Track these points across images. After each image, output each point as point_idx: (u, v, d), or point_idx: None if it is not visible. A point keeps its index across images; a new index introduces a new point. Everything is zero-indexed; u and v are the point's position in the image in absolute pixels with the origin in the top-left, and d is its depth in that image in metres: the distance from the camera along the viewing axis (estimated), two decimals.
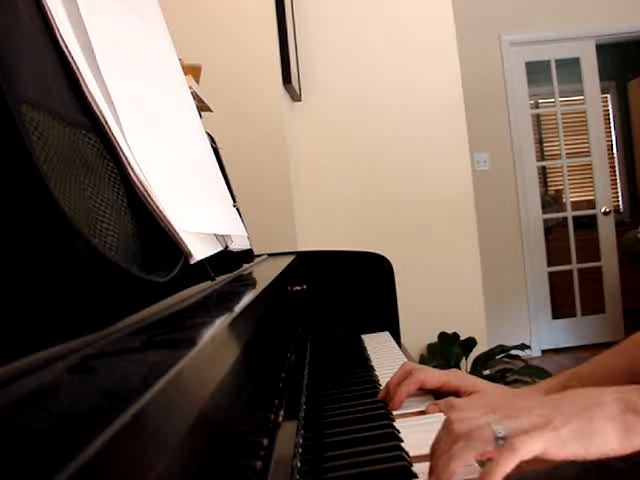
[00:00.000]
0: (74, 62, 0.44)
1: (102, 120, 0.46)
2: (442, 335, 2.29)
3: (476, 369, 2.21)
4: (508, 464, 0.46)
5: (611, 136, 5.12)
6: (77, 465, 0.14)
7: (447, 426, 0.53)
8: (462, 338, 2.28)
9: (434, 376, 0.76)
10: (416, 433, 0.65)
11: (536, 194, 3.78)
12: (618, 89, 5.21)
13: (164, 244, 0.49)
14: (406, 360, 1.02)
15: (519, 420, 0.50)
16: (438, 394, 0.77)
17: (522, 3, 3.70)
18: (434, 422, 0.64)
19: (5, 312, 0.28)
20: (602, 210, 3.88)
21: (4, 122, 0.30)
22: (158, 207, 0.48)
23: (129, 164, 0.47)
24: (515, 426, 0.49)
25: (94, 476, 0.15)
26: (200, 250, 0.55)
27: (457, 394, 0.75)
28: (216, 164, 0.88)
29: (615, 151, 5.18)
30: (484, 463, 0.58)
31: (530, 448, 0.47)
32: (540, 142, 4.87)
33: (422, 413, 0.72)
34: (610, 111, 5.24)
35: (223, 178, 0.90)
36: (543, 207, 3.87)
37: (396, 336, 1.28)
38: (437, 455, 0.51)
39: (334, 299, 1.34)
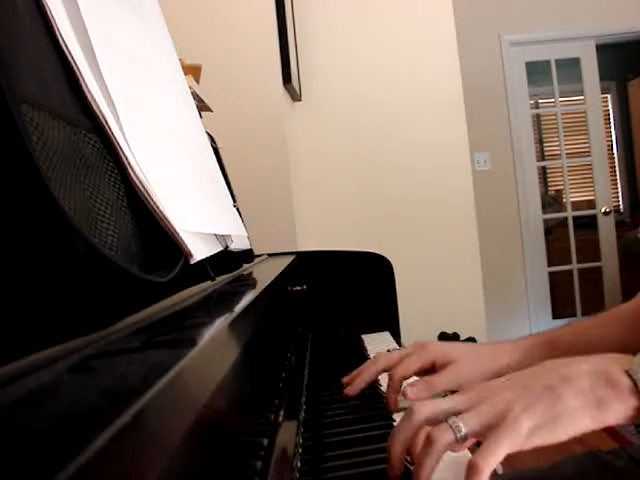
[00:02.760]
0: (74, 62, 0.44)
1: (102, 120, 0.46)
2: (442, 335, 2.29)
3: None
4: None
5: (611, 136, 5.12)
6: (77, 465, 0.14)
7: (407, 413, 0.52)
8: (462, 338, 2.28)
9: (410, 365, 0.74)
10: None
11: (536, 194, 3.79)
12: (618, 89, 5.21)
13: (164, 244, 0.49)
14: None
15: (480, 412, 0.49)
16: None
17: (522, 3, 3.70)
18: None
19: (5, 312, 0.28)
20: (602, 210, 3.89)
21: (4, 122, 0.30)
22: (158, 207, 0.48)
23: (129, 164, 0.47)
24: (475, 421, 0.48)
25: (94, 476, 0.15)
26: (200, 250, 0.55)
27: (433, 366, 0.74)
28: (216, 164, 0.88)
29: (615, 151, 5.18)
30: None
31: (493, 461, 0.45)
32: (540, 142, 4.87)
33: None
34: (610, 111, 5.24)
35: (223, 178, 0.90)
36: (543, 207, 3.87)
37: (396, 336, 1.28)
38: (394, 443, 0.51)
39: (334, 299, 1.34)
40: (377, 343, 1.19)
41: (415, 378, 0.76)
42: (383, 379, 0.87)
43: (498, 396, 0.50)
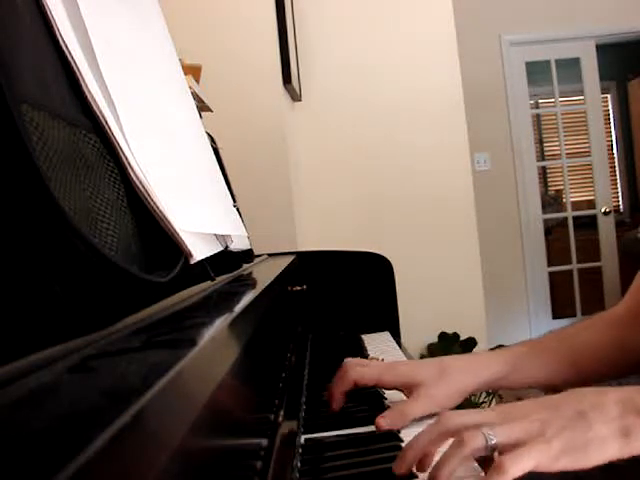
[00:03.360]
0: (74, 62, 0.44)
1: (102, 120, 0.46)
2: (442, 335, 2.29)
3: None
4: None
5: (611, 136, 5.12)
6: (77, 465, 0.14)
7: (438, 419, 0.52)
8: (462, 338, 2.28)
9: (366, 375, 0.72)
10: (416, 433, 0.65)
11: (536, 194, 3.79)
12: (618, 89, 5.21)
13: (164, 244, 0.49)
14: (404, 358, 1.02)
15: (513, 427, 0.49)
16: None
17: (522, 3, 3.70)
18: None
19: (5, 312, 0.28)
20: (602, 210, 3.89)
21: (4, 122, 0.30)
22: (158, 207, 0.48)
23: (129, 164, 0.47)
24: (508, 434, 0.48)
25: (94, 476, 0.15)
26: (200, 250, 0.55)
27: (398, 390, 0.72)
28: (216, 164, 0.88)
29: (615, 151, 5.18)
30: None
31: (520, 467, 0.45)
32: (540, 142, 4.87)
33: None
34: (610, 111, 5.24)
35: (223, 178, 0.90)
36: (543, 207, 3.88)
37: (396, 336, 1.28)
38: (418, 443, 0.50)
39: (334, 299, 1.34)
40: (377, 343, 1.19)
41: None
42: None
43: (530, 417, 0.50)
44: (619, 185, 5.26)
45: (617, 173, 5.22)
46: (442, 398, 0.69)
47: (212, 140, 1.03)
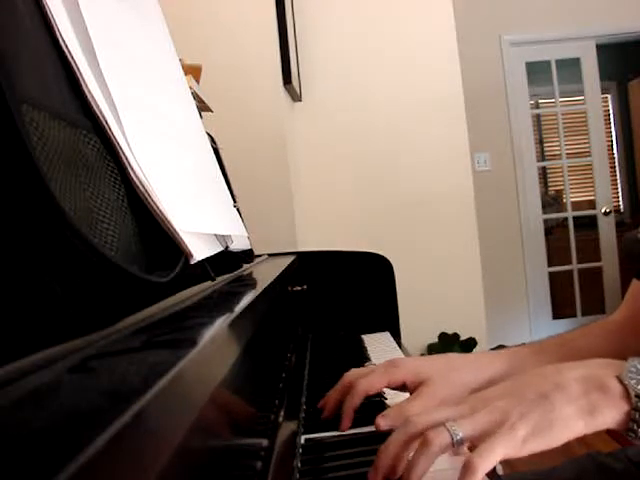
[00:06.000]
0: (74, 62, 0.44)
1: (102, 120, 0.46)
2: (442, 335, 2.29)
3: None
4: None
5: (611, 136, 5.12)
6: (77, 465, 0.14)
7: (406, 421, 0.51)
8: (462, 338, 2.28)
9: (376, 381, 0.70)
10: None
11: (536, 194, 3.79)
12: (618, 89, 5.21)
13: (164, 244, 0.49)
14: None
15: (476, 419, 0.49)
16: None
17: (522, 3, 3.70)
18: None
19: (5, 312, 0.28)
20: (602, 210, 3.89)
21: (4, 122, 0.30)
22: (158, 207, 0.48)
23: (129, 164, 0.47)
24: (472, 427, 0.48)
25: (94, 476, 0.15)
26: (200, 250, 0.55)
27: (404, 386, 0.71)
28: (216, 164, 0.88)
29: (615, 151, 5.18)
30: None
31: (489, 461, 0.46)
32: (540, 142, 4.87)
33: None
34: (610, 111, 5.24)
35: (223, 178, 0.90)
36: (543, 207, 3.87)
37: (396, 336, 1.28)
38: (389, 449, 0.50)
39: (334, 299, 1.34)
40: (377, 343, 1.19)
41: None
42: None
43: (493, 406, 0.50)
44: (619, 185, 5.26)
45: (617, 173, 5.22)
46: (445, 396, 0.69)
47: (212, 140, 1.03)
